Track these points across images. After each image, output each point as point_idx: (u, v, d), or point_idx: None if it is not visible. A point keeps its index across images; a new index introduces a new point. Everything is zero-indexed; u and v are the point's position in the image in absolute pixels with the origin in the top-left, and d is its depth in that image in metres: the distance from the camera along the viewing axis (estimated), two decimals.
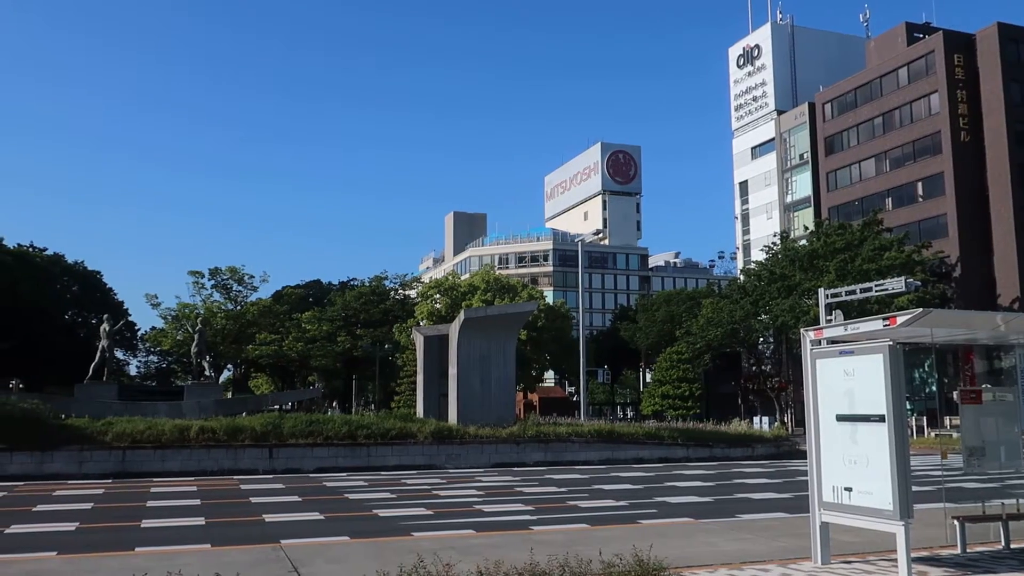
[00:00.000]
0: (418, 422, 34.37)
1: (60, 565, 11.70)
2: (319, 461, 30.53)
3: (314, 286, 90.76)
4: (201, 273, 78.53)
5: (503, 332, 37.15)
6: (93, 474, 27.57)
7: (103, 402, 36.95)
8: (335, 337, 75.17)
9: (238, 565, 10.48)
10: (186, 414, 35.85)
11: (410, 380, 53.47)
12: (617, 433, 36.25)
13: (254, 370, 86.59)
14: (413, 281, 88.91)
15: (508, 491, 23.06)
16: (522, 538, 14.25)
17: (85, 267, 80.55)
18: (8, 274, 66.07)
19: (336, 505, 19.91)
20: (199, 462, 29.23)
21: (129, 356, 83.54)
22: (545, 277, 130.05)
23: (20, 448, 27.63)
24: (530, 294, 74.92)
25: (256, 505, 19.86)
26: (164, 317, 78.21)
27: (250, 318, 77.50)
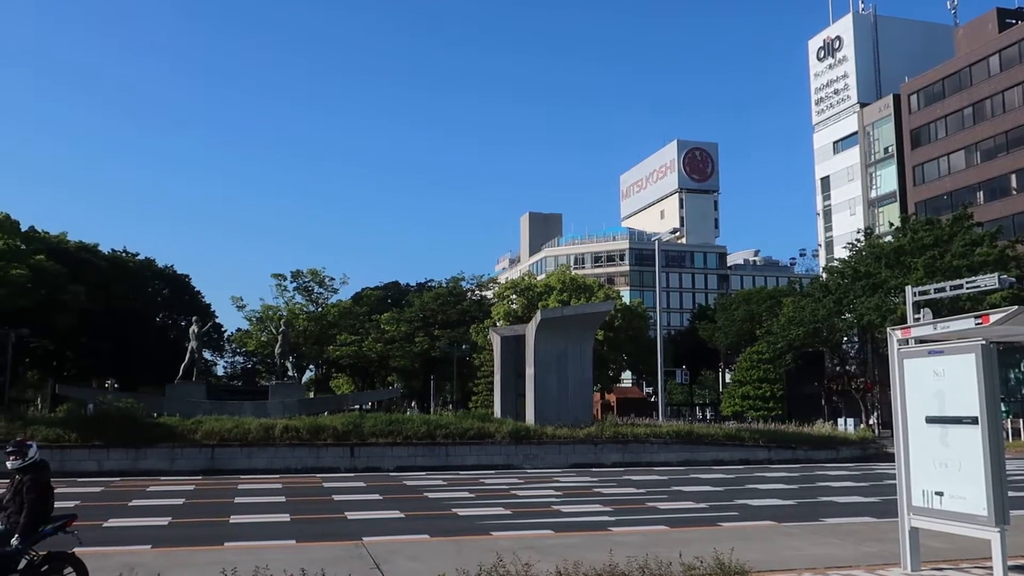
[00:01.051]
0: (496, 422, 34.56)
1: (154, 558, 12.16)
2: (399, 460, 30.98)
3: (392, 287, 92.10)
4: (284, 276, 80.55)
5: (580, 332, 37.06)
6: (184, 471, 28.56)
7: (192, 401, 38.20)
8: (413, 338, 76.11)
9: (322, 561, 10.73)
10: (271, 413, 36.80)
11: (487, 380, 53.77)
12: (696, 434, 35.80)
13: (335, 370, 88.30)
14: (489, 282, 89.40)
15: (586, 492, 23.01)
16: (600, 539, 14.21)
17: (174, 271, 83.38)
18: (103, 278, 68.89)
19: (416, 504, 20.18)
20: (284, 460, 29.99)
21: (216, 357, 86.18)
22: (621, 277, 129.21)
23: (116, 445, 28.83)
24: (606, 294, 74.55)
25: (338, 503, 20.28)
26: (249, 319, 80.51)
27: (331, 319, 79.09)
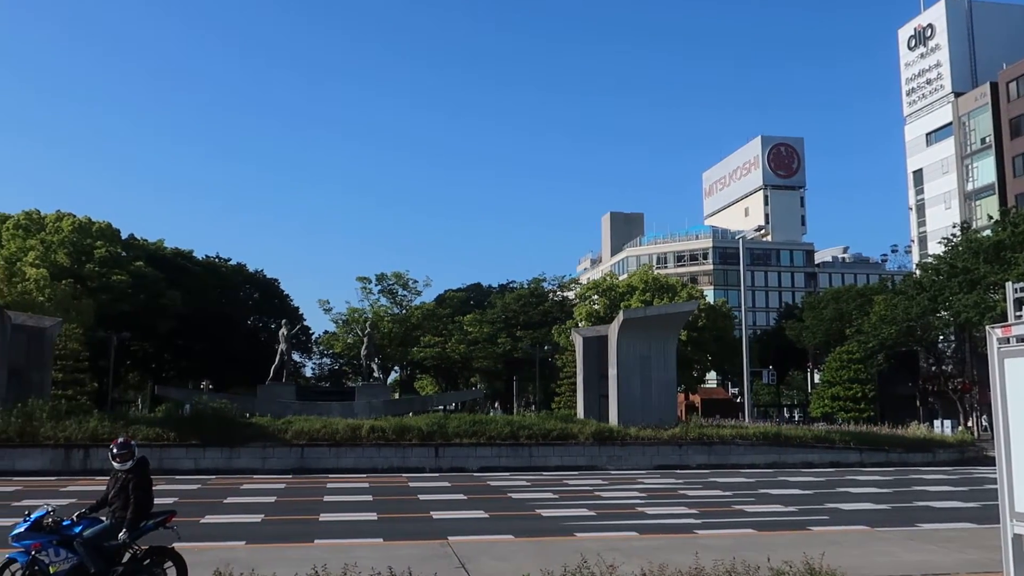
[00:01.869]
0: (579, 423, 34.50)
1: (248, 554, 12.54)
2: (482, 460, 31.22)
3: (474, 289, 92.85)
4: (369, 279, 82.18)
5: (663, 332, 36.71)
6: (275, 469, 29.38)
7: (282, 402, 39.25)
8: (496, 339, 76.57)
9: (409, 559, 10.90)
10: (357, 414, 37.54)
11: (570, 381, 53.66)
12: (784, 436, 35.03)
13: (419, 371, 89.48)
14: (571, 282, 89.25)
15: (671, 493, 22.77)
16: (686, 542, 14.04)
17: (264, 275, 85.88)
18: (198, 283, 71.49)
19: (500, 504, 20.30)
20: (370, 459, 30.56)
21: (305, 359, 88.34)
22: (705, 276, 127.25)
23: (212, 444, 29.87)
24: (690, 293, 73.56)
25: (424, 502, 20.55)
26: (336, 321, 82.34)
27: (415, 321, 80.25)
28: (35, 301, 47.49)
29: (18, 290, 48.09)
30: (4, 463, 27.89)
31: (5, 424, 28.58)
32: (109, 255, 61.14)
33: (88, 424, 29.48)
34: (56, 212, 63.75)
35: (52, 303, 48.51)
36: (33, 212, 62.85)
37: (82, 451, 28.57)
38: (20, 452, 28.32)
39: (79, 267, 58.41)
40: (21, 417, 28.80)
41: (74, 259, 58.77)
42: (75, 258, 59.00)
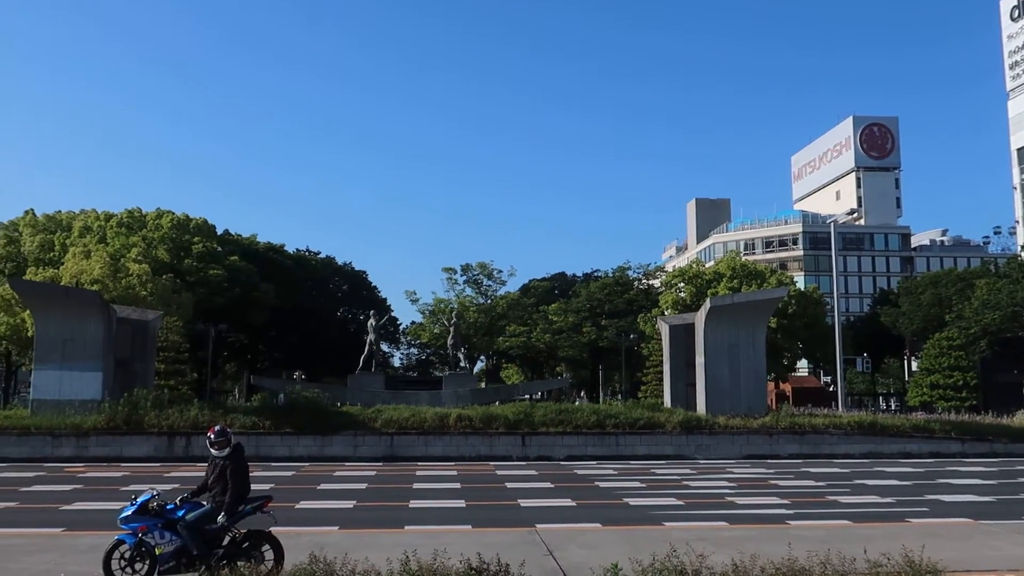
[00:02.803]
0: (666, 412, 34.17)
1: (341, 539, 12.86)
2: (569, 449, 31.22)
3: (559, 278, 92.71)
4: (454, 269, 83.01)
5: (751, 320, 36.00)
6: (366, 457, 30.01)
7: (372, 391, 40.02)
8: (581, 328, 76.34)
9: (497, 546, 11.00)
10: (445, 402, 38.02)
11: (656, 370, 53.14)
12: (880, 425, 33.93)
13: (505, 361, 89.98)
14: (656, 270, 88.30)
15: (761, 483, 22.35)
16: (778, 532, 13.78)
17: (352, 267, 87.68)
18: (290, 277, 73.47)
19: (587, 492, 20.29)
20: (458, 448, 30.92)
21: (393, 349, 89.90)
22: (795, 262, 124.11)
23: (305, 432, 30.70)
24: (779, 280, 71.82)
25: (511, 490, 20.70)
26: (422, 312, 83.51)
27: (500, 311, 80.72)
28: (138, 295, 49.58)
29: (122, 285, 50.28)
30: (112, 449, 29.30)
31: (113, 413, 30.00)
32: (206, 250, 63.36)
33: (189, 413, 30.69)
34: (156, 210, 66.38)
35: (154, 297, 50.55)
36: (135, 210, 65.60)
37: (184, 438, 29.75)
38: (127, 439, 29.69)
39: (178, 262, 60.71)
40: (127, 406, 30.17)
41: (173, 255, 61.11)
42: (174, 254, 61.34)
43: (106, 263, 51.76)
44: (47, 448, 29.17)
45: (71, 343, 31.92)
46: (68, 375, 31.69)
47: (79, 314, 32.33)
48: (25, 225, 65.04)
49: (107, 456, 28.89)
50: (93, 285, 47.34)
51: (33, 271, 55.53)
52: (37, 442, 29.29)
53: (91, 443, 29.47)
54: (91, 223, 63.25)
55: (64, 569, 10.71)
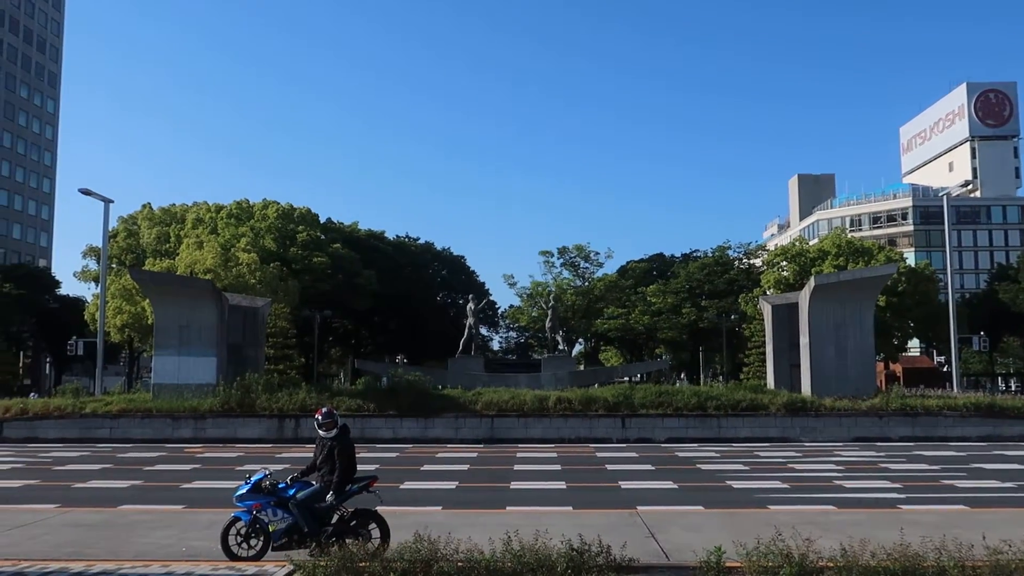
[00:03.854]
0: (769, 393, 33.46)
1: (445, 518, 13.13)
2: (669, 431, 30.96)
3: (657, 259, 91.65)
4: (551, 252, 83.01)
5: (858, 298, 34.84)
6: (467, 439, 30.47)
7: (472, 374, 40.56)
8: (680, 309, 75.36)
9: (598, 528, 11.01)
10: (544, 385, 38.20)
11: (758, 351, 52.04)
12: (999, 407, 32.36)
13: (603, 343, 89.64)
14: (758, 249, 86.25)
15: (871, 467, 21.67)
16: (889, 517, 13.35)
17: (451, 253, 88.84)
18: (390, 263, 75.01)
19: (688, 475, 20.09)
20: (557, 430, 31.06)
21: (492, 332, 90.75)
22: (904, 237, 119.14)
23: (408, 415, 31.40)
24: (887, 256, 69.12)
25: (611, 472, 20.68)
26: (520, 295, 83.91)
27: (597, 293, 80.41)
28: (248, 283, 51.53)
29: (233, 274, 52.33)
30: (227, 431, 30.65)
31: (227, 396, 31.35)
32: (310, 239, 65.24)
33: (297, 396, 31.80)
34: (263, 201, 68.68)
35: (262, 285, 52.45)
36: (243, 202, 68.04)
37: (293, 420, 30.84)
38: (240, 421, 30.99)
39: (284, 251, 62.74)
40: (240, 390, 31.47)
41: (280, 243, 63.18)
42: (280, 242, 63.41)
43: (217, 253, 53.94)
44: (167, 430, 30.74)
45: (187, 330, 33.46)
46: (185, 360, 33.25)
47: (194, 302, 33.84)
48: (143, 219, 68.36)
49: (222, 437, 30.23)
50: (206, 274, 49.44)
51: (151, 262, 58.38)
52: (158, 424, 30.91)
53: (207, 425, 30.89)
54: (203, 215, 65.97)
55: (186, 544, 11.29)
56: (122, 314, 54.71)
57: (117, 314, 54.47)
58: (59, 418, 31.33)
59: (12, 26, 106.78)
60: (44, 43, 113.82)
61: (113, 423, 31.10)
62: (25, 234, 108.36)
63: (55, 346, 79.26)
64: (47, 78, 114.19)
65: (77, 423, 31.15)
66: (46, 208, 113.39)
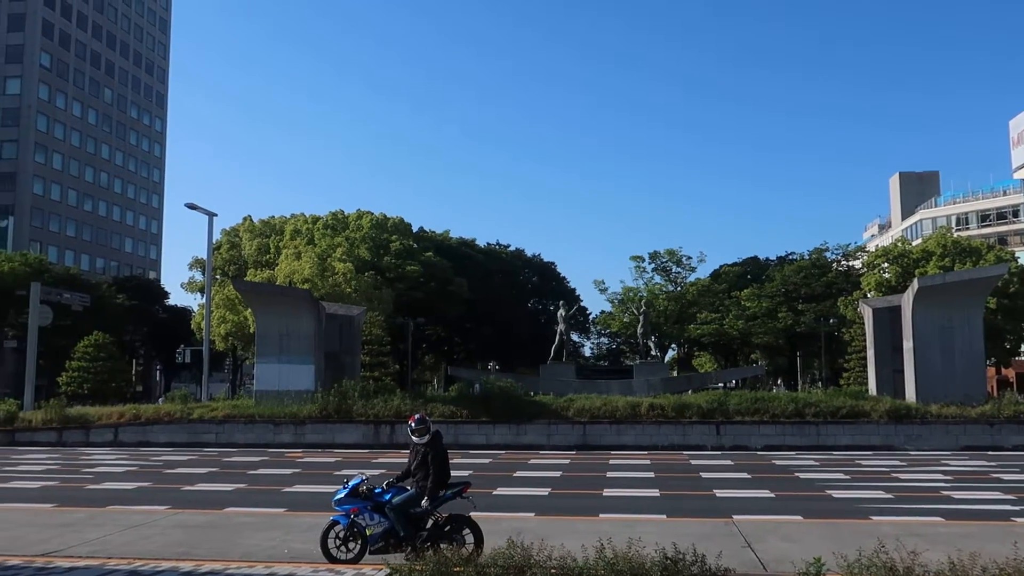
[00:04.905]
0: (870, 400, 32.38)
1: (538, 525, 13.18)
2: (766, 439, 30.30)
3: (751, 263, 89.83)
4: (642, 257, 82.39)
5: (966, 300, 33.40)
6: (559, 445, 30.49)
7: (563, 381, 40.56)
8: (776, 313, 73.63)
9: (692, 536, 10.88)
10: (636, 391, 37.90)
11: (859, 356, 50.38)
12: None
13: (696, 349, 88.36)
14: (857, 251, 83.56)
15: (982, 477, 20.75)
16: (1001, 530, 12.77)
17: (541, 259, 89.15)
18: (481, 270, 75.80)
19: (786, 483, 19.63)
20: (650, 437, 30.77)
21: (583, 338, 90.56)
22: (1016, 236, 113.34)
23: (500, 421, 31.63)
24: (997, 256, 65.96)
25: (706, 480, 20.37)
26: (611, 301, 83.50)
27: (690, 298, 79.38)
28: (343, 292, 52.86)
29: (329, 283, 53.77)
30: (325, 436, 31.49)
31: (325, 403, 32.22)
32: (403, 248, 66.49)
33: (392, 402, 32.44)
34: (357, 211, 70.39)
35: (357, 293, 53.72)
36: (338, 212, 69.89)
37: (388, 426, 31.46)
38: (338, 427, 31.79)
39: (378, 260, 64.10)
40: (338, 396, 32.29)
41: (374, 253, 64.58)
42: (374, 252, 64.82)
43: (314, 263, 55.52)
44: (269, 435, 31.78)
45: (287, 338, 34.53)
46: (286, 368, 34.33)
47: (293, 311, 34.91)
48: (244, 231, 70.96)
49: (320, 442, 31.07)
50: (304, 284, 50.95)
51: (252, 272, 60.49)
52: (261, 429, 31.98)
53: (307, 430, 31.80)
54: (300, 226, 68.03)
55: (288, 546, 11.67)
56: (226, 323, 56.88)
57: (221, 323, 56.67)
58: (169, 423, 32.77)
59: (123, 50, 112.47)
60: (152, 65, 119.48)
61: (219, 428, 32.34)
62: (136, 247, 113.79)
63: (164, 354, 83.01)
64: (155, 98, 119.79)
65: (185, 428, 32.52)
66: (155, 222, 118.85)
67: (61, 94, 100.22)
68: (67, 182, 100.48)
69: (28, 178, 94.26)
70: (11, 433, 33.12)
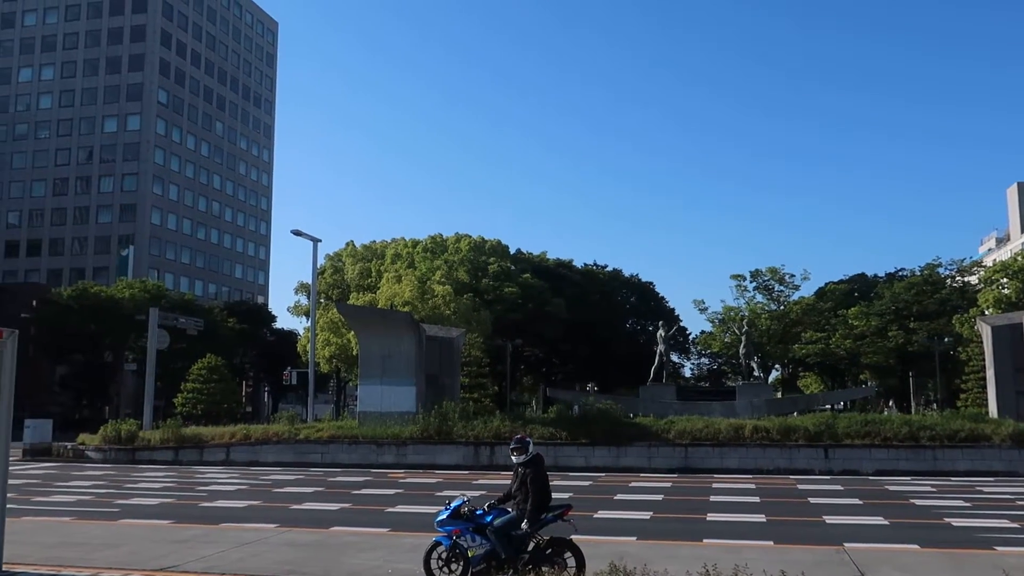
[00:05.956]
0: (991, 423, 30.72)
1: (640, 549, 12.99)
2: (878, 463, 29.10)
3: (858, 280, 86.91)
4: (743, 276, 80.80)
5: None
6: (660, 468, 30.02)
7: (663, 402, 39.98)
8: (886, 332, 70.91)
9: (801, 564, 10.55)
10: (739, 413, 37.03)
11: (977, 376, 47.98)
12: None
13: (801, 369, 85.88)
14: (972, 266, 79.83)
15: None
16: None
17: (639, 279, 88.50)
18: (578, 291, 75.75)
19: (901, 510, 18.80)
20: (754, 460, 29.97)
21: (683, 359, 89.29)
22: None
23: (600, 443, 31.37)
24: None
25: (815, 506, 19.71)
26: (711, 321, 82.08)
27: (794, 317, 77.30)
28: (443, 314, 53.63)
29: (429, 306, 54.66)
30: (426, 457, 31.88)
31: (426, 424, 32.65)
32: (500, 270, 67.09)
33: (492, 424, 32.61)
34: (455, 234, 71.52)
35: (456, 315, 54.43)
36: (437, 236, 71.15)
37: (488, 448, 31.62)
38: (439, 448, 32.15)
39: (476, 282, 64.86)
40: (438, 418, 32.68)
41: (472, 275, 65.39)
42: (473, 274, 65.62)
43: (415, 286, 56.58)
44: (372, 455, 32.39)
45: (389, 360, 35.21)
46: (388, 389, 34.98)
47: (394, 333, 35.59)
48: (347, 255, 73.03)
49: (421, 463, 31.47)
50: (404, 306, 51.93)
51: (354, 296, 62.08)
52: (364, 450, 32.64)
53: (408, 451, 32.28)
54: (400, 250, 69.56)
55: (392, 566, 11.85)
56: (330, 346, 58.46)
57: (325, 346, 58.27)
58: (276, 443, 33.80)
59: (233, 85, 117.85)
60: (260, 98, 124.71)
61: (324, 448, 33.16)
62: (245, 273, 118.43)
63: (272, 376, 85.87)
64: (263, 129, 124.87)
65: (292, 448, 33.48)
66: (263, 248, 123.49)
67: (176, 128, 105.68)
68: (182, 212, 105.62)
69: (147, 209, 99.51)
70: (132, 451, 34.78)
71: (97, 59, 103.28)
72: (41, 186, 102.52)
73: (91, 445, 36.25)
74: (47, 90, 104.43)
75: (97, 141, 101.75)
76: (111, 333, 68.59)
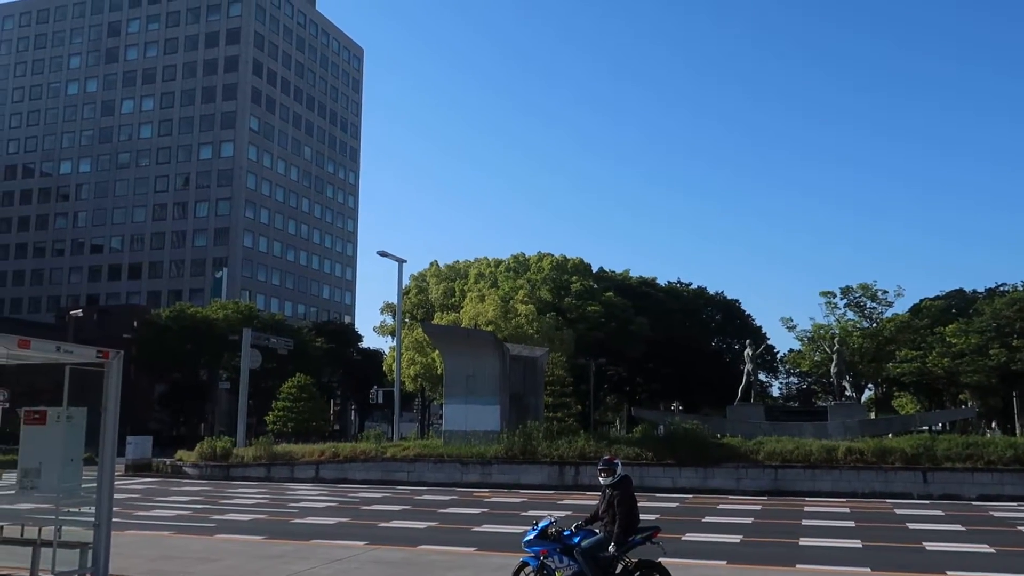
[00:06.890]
0: None
1: (729, 573, 12.76)
2: (981, 487, 27.83)
3: (956, 296, 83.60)
4: (833, 293, 78.49)
5: None
6: (749, 490, 29.34)
7: (752, 423, 39.14)
8: (986, 350, 67.85)
9: None
10: (831, 434, 35.97)
11: None
12: None
13: (896, 389, 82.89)
14: None
15: None
16: None
17: (724, 297, 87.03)
18: (662, 309, 74.93)
19: (1007, 538, 17.95)
20: (848, 483, 29.03)
21: (771, 378, 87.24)
22: None
23: (686, 464, 30.87)
24: None
25: (913, 531, 18.99)
26: (800, 339, 79.94)
27: (887, 335, 74.70)
28: (526, 334, 53.76)
29: (512, 325, 54.87)
30: (511, 477, 31.91)
31: (511, 443, 32.70)
32: (583, 288, 66.93)
33: (576, 443, 32.44)
34: (537, 253, 71.73)
35: (539, 335, 54.48)
36: (519, 255, 71.50)
37: (573, 468, 31.46)
38: (523, 468, 32.15)
39: (559, 301, 64.86)
40: (522, 437, 32.70)
41: (554, 294, 65.43)
42: (555, 293, 65.66)
43: (497, 305, 56.89)
44: (457, 474, 32.59)
45: (473, 379, 35.44)
46: (472, 408, 35.20)
47: (478, 353, 35.83)
48: (431, 275, 73.98)
49: (506, 482, 31.51)
50: (488, 326, 52.28)
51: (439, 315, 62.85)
52: (449, 469, 32.88)
53: (493, 471, 32.37)
54: (483, 270, 70.11)
55: None
56: (415, 365, 59.22)
57: (410, 365, 59.06)
58: (364, 461, 34.35)
59: (320, 110, 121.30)
60: (346, 123, 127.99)
61: (410, 467, 33.55)
62: (332, 294, 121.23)
63: (358, 394, 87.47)
64: (349, 153, 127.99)
65: (379, 466, 33.97)
66: (349, 270, 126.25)
67: (267, 154, 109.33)
68: (272, 235, 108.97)
69: (239, 232, 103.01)
70: (226, 468, 35.86)
71: (193, 89, 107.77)
72: (142, 212, 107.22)
73: (188, 461, 37.52)
74: (147, 120, 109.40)
75: (193, 168, 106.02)
76: (206, 352, 71.00)
